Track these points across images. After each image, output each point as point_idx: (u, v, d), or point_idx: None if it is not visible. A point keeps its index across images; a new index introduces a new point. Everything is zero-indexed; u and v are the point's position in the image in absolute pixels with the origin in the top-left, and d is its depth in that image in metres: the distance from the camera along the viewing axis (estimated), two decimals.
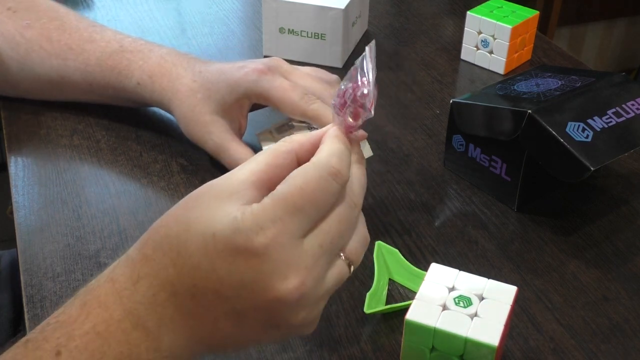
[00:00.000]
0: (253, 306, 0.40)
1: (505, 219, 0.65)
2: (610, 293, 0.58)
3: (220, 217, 0.40)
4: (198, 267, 0.40)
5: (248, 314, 0.40)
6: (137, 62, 0.69)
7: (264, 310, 0.40)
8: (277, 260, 0.39)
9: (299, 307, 0.40)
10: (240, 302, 0.40)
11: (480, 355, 0.45)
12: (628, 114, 0.62)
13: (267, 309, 0.40)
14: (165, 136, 0.73)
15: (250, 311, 0.40)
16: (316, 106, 0.60)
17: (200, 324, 0.41)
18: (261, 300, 0.39)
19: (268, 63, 0.64)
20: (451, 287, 0.48)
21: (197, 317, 0.41)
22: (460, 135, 0.67)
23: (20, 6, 0.73)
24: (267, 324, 0.41)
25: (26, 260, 0.59)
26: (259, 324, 0.41)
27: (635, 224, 0.65)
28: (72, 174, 0.68)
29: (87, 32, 0.72)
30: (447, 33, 0.95)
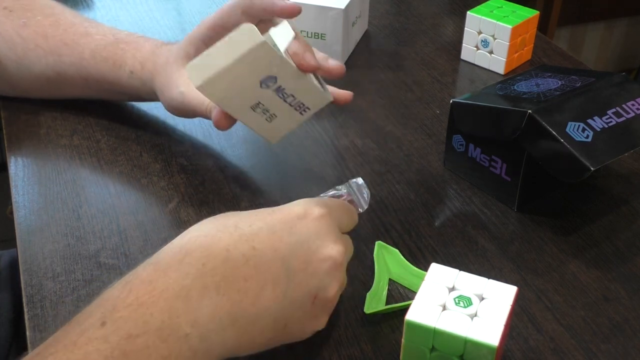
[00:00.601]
0: (304, 266, 0.46)
1: (505, 219, 0.65)
2: (610, 293, 0.58)
3: None
4: (258, 232, 0.46)
5: (296, 278, 0.45)
6: (130, 51, 0.69)
7: (312, 272, 0.46)
8: (329, 227, 0.48)
9: (340, 276, 0.48)
10: (294, 261, 0.45)
11: (480, 355, 0.45)
12: (628, 114, 0.62)
13: (316, 271, 0.46)
14: (165, 136, 0.73)
15: (299, 274, 0.46)
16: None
17: (246, 291, 0.44)
18: (313, 260, 0.46)
19: None
20: (451, 287, 0.48)
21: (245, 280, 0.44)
22: (460, 135, 0.67)
23: (16, 5, 0.73)
24: (308, 296, 0.46)
25: (26, 260, 0.59)
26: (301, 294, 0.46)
27: (635, 224, 0.65)
28: (72, 174, 0.68)
29: (82, 26, 0.72)
30: (447, 33, 0.95)
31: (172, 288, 0.42)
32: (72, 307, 0.54)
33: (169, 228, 0.62)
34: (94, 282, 0.57)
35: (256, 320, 0.45)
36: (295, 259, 0.46)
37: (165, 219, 0.63)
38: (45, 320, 0.53)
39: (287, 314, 0.46)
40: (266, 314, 0.45)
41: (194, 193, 0.66)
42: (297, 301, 0.46)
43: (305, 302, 0.47)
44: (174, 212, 0.64)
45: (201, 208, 0.64)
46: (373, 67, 0.87)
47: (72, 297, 0.55)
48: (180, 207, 0.64)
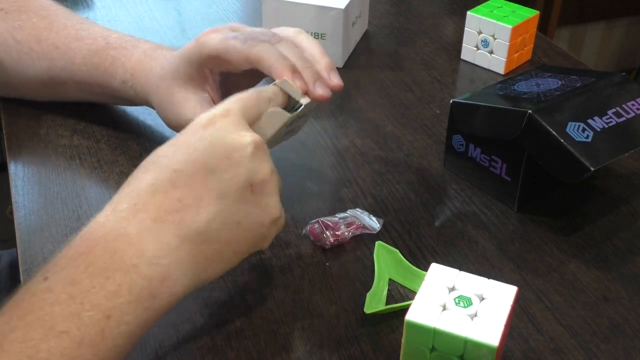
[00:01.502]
0: (227, 163, 0.47)
1: (505, 219, 0.65)
2: (610, 293, 0.58)
3: None
4: (173, 156, 0.47)
5: (224, 175, 0.47)
6: (120, 59, 0.68)
7: (236, 165, 0.47)
8: (236, 123, 0.49)
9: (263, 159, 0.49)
10: (216, 162, 0.47)
11: (480, 355, 0.45)
12: (628, 114, 0.62)
13: (239, 162, 0.48)
14: (165, 136, 0.73)
15: (226, 170, 0.47)
16: (258, 49, 0.57)
17: (184, 211, 0.46)
18: (233, 154, 0.47)
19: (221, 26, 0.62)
20: (451, 287, 0.48)
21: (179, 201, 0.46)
22: (460, 135, 0.67)
23: (12, 7, 0.72)
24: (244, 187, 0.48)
25: (26, 260, 0.59)
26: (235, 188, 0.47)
27: (635, 224, 0.65)
28: (72, 174, 0.68)
29: (74, 29, 0.71)
30: (447, 33, 0.95)
31: (110, 234, 0.44)
32: None
33: None
34: None
35: (205, 229, 0.46)
36: (216, 159, 0.47)
37: None
38: None
39: (233, 211, 0.47)
40: (213, 219, 0.46)
41: None
42: (235, 195, 0.47)
43: (244, 193, 0.48)
44: None
45: None
46: (373, 67, 0.87)
47: None
48: None
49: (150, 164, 0.48)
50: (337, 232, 0.60)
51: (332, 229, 0.60)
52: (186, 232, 0.46)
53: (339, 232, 0.60)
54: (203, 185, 0.47)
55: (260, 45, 0.57)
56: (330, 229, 0.60)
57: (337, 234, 0.60)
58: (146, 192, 0.46)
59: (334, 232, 0.60)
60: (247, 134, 0.49)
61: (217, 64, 0.61)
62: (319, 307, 0.55)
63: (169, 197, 0.46)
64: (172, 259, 0.45)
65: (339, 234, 0.60)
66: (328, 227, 0.60)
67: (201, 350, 0.52)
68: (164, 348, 0.52)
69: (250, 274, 0.58)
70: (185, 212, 0.46)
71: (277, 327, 0.54)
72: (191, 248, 0.46)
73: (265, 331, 0.53)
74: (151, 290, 0.44)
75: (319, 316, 0.55)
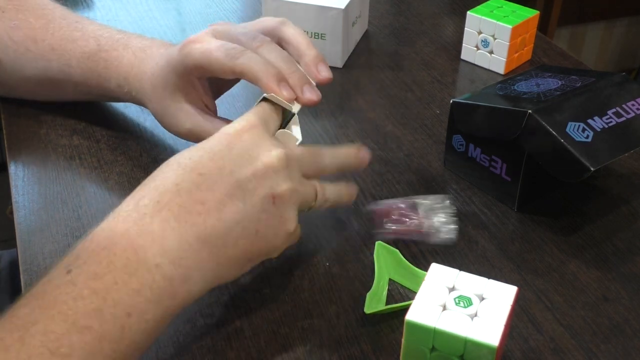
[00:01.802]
0: (252, 173, 0.48)
1: (505, 219, 0.65)
2: (610, 293, 0.58)
3: None
4: (200, 160, 0.48)
5: (248, 184, 0.48)
6: (112, 62, 0.67)
7: (261, 176, 0.48)
8: (264, 136, 0.50)
9: (287, 176, 0.50)
10: (242, 171, 0.48)
11: (480, 355, 0.45)
12: (628, 114, 0.62)
13: (264, 174, 0.48)
14: (165, 136, 0.73)
15: (250, 179, 0.48)
16: (241, 60, 0.55)
17: (206, 214, 0.46)
18: (258, 165, 0.48)
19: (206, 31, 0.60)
20: (451, 287, 0.48)
21: (202, 204, 0.46)
22: (460, 135, 0.67)
23: (9, 5, 0.72)
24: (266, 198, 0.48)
25: (26, 260, 0.59)
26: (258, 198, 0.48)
27: (635, 224, 0.65)
28: (72, 174, 0.68)
29: (69, 30, 0.70)
30: (447, 33, 0.95)
31: (132, 229, 0.45)
32: None
33: None
34: None
35: (226, 234, 0.47)
36: (242, 169, 0.48)
37: None
38: None
39: (254, 220, 0.48)
40: (234, 224, 0.47)
41: None
42: (257, 205, 0.48)
43: (266, 204, 0.48)
44: None
45: None
46: (373, 67, 0.87)
47: None
48: None
49: (175, 165, 0.48)
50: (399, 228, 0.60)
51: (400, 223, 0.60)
52: (207, 235, 0.46)
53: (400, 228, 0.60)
54: (227, 192, 0.47)
55: (244, 56, 0.55)
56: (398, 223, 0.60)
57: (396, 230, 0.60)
58: (170, 191, 0.46)
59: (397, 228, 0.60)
60: (274, 146, 0.50)
61: (203, 73, 0.60)
62: (319, 307, 0.55)
63: (192, 198, 0.46)
64: (194, 260, 0.45)
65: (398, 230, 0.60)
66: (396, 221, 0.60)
67: (201, 350, 0.52)
68: (164, 348, 0.52)
69: (250, 274, 0.58)
70: (208, 215, 0.46)
71: (277, 327, 0.54)
72: (211, 251, 0.46)
73: (265, 331, 0.53)
74: (172, 291, 0.44)
75: (319, 316, 0.55)
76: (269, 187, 0.49)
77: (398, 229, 0.60)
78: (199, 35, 0.59)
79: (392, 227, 0.60)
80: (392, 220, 0.60)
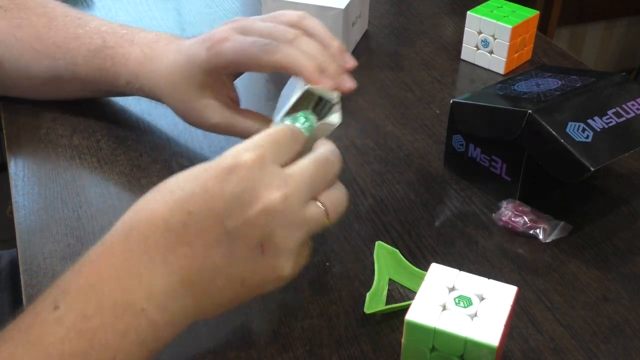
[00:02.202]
0: (243, 221, 0.44)
1: None
2: (610, 293, 0.58)
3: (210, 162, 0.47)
4: (192, 195, 0.45)
5: (238, 233, 0.44)
6: (120, 59, 0.67)
7: (252, 225, 0.44)
8: (262, 174, 0.45)
9: (283, 222, 0.45)
10: (232, 218, 0.44)
11: (480, 355, 0.45)
12: (628, 114, 0.62)
13: (255, 223, 0.44)
14: (165, 136, 0.73)
15: (240, 228, 0.44)
16: (281, 55, 0.56)
17: (192, 259, 0.44)
18: (250, 213, 0.44)
19: (228, 26, 0.61)
20: (451, 287, 0.48)
21: (189, 246, 0.44)
22: (460, 135, 0.67)
23: (10, 5, 0.72)
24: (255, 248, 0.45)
25: (26, 260, 0.59)
26: (246, 248, 0.45)
27: (635, 224, 0.65)
28: (72, 174, 0.68)
29: (72, 27, 0.70)
30: (447, 33, 0.95)
31: (120, 267, 0.43)
32: None
33: None
34: None
35: (211, 281, 0.45)
36: (232, 215, 0.44)
37: None
38: None
39: (240, 269, 0.46)
40: (218, 273, 0.45)
41: None
42: (244, 255, 0.45)
43: (254, 254, 0.45)
44: None
45: None
46: (373, 67, 0.87)
47: None
48: None
49: (167, 194, 0.46)
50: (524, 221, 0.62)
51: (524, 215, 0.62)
52: (193, 282, 0.45)
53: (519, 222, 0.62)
54: (214, 238, 0.45)
55: (282, 51, 0.56)
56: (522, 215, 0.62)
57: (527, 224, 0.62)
58: (159, 227, 0.44)
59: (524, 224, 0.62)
60: (274, 188, 0.45)
61: (236, 70, 0.61)
62: (319, 307, 0.55)
63: (180, 239, 0.44)
64: (179, 306, 0.45)
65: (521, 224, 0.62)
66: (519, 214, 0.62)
67: (201, 350, 0.52)
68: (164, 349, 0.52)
69: None
70: (194, 259, 0.45)
71: (277, 327, 0.54)
72: (195, 297, 0.45)
73: (265, 331, 0.53)
74: (156, 335, 0.44)
75: (319, 316, 0.55)
76: (259, 237, 0.45)
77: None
78: (223, 32, 0.59)
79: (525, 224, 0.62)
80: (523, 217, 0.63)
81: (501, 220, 0.63)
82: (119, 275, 0.43)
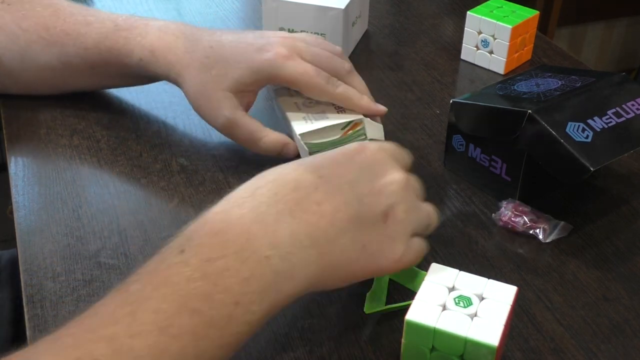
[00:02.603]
0: (370, 189, 0.49)
1: None
2: (610, 293, 0.58)
3: None
4: (322, 163, 0.49)
5: (365, 199, 0.48)
6: (134, 38, 0.68)
7: (378, 194, 0.49)
8: (387, 157, 0.51)
9: (405, 199, 0.50)
10: (361, 185, 0.48)
11: (480, 355, 0.45)
12: (628, 114, 0.62)
13: (382, 192, 0.49)
14: (165, 136, 0.73)
15: (367, 195, 0.48)
16: (342, 89, 0.65)
17: (320, 216, 0.47)
18: (378, 183, 0.49)
19: (286, 44, 0.65)
20: (451, 287, 0.48)
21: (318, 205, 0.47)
22: (460, 135, 0.67)
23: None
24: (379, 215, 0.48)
25: (26, 260, 0.59)
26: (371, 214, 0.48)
27: (635, 224, 0.65)
28: (72, 174, 0.68)
29: (81, 15, 0.71)
30: (447, 33, 0.95)
31: (247, 215, 0.45)
32: (72, 307, 0.54)
33: (169, 228, 0.62)
34: (94, 282, 0.57)
35: (335, 239, 0.47)
36: (361, 183, 0.49)
37: (165, 218, 0.63)
38: (45, 321, 0.53)
39: (363, 234, 0.48)
40: (343, 233, 0.47)
41: (194, 193, 0.66)
42: (368, 220, 0.48)
43: (378, 221, 0.48)
44: (174, 212, 0.64)
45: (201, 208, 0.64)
46: (373, 67, 0.87)
47: (72, 297, 0.55)
48: (180, 207, 0.64)
49: (295, 164, 0.49)
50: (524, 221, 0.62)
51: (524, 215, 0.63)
52: (318, 237, 0.46)
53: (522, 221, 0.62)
54: (343, 201, 0.47)
55: (341, 86, 0.65)
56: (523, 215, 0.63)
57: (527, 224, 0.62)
58: (288, 186, 0.47)
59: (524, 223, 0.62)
60: (396, 169, 0.51)
61: (284, 85, 0.66)
62: (319, 307, 0.55)
63: (309, 198, 0.47)
64: (301, 258, 0.45)
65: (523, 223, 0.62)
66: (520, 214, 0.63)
67: None
68: None
69: None
70: (321, 217, 0.46)
71: (277, 327, 0.54)
72: (318, 253, 0.46)
73: (265, 331, 0.53)
74: (277, 286, 0.44)
75: (319, 316, 0.55)
76: (384, 205, 0.49)
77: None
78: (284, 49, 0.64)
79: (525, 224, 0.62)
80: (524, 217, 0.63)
81: (501, 220, 0.63)
82: (244, 222, 0.44)
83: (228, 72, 0.65)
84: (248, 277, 0.43)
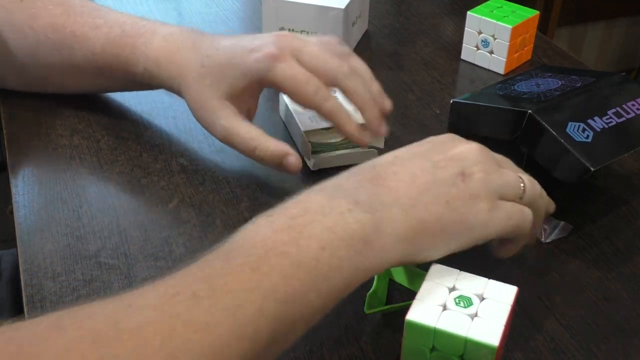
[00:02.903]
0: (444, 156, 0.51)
1: None
2: (611, 293, 0.58)
3: None
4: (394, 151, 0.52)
5: (440, 164, 0.50)
6: (139, 47, 0.68)
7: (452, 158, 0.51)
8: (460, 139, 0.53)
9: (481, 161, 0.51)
10: (435, 154, 0.51)
11: (480, 355, 0.45)
12: (628, 114, 0.62)
13: (456, 157, 0.51)
14: (165, 136, 0.73)
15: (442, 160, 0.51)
16: (330, 104, 0.61)
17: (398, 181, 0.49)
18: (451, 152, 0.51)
19: (279, 44, 0.61)
20: (451, 287, 0.48)
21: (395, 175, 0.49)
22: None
23: None
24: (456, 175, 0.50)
25: (26, 260, 0.59)
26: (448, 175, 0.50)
27: (635, 224, 0.65)
28: (72, 174, 0.68)
29: (90, 17, 0.71)
30: (447, 33, 0.95)
31: (327, 187, 0.49)
32: None
33: (169, 228, 0.62)
34: (94, 282, 0.57)
35: (417, 197, 0.48)
36: (435, 153, 0.51)
37: (165, 218, 0.63)
38: None
39: (444, 191, 0.49)
40: (424, 192, 0.49)
41: (194, 193, 0.66)
42: (446, 179, 0.50)
43: (455, 180, 0.50)
44: (174, 212, 0.64)
45: (201, 208, 0.64)
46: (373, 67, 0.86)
47: (72, 297, 0.55)
48: (181, 207, 0.64)
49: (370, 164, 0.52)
50: None
51: None
52: (398, 196, 0.48)
53: None
54: (420, 167, 0.50)
55: (330, 101, 0.61)
56: None
57: None
58: (366, 166, 0.51)
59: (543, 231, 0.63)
60: (466, 144, 0.53)
61: (276, 89, 0.63)
62: None
63: (386, 171, 0.50)
64: (384, 213, 0.47)
65: None
66: None
67: None
68: None
69: None
70: (400, 181, 0.49)
71: None
72: (402, 209, 0.48)
73: None
74: (363, 235, 0.46)
75: None
76: (460, 167, 0.50)
77: None
78: (277, 50, 0.61)
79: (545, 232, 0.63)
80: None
81: None
82: (325, 192, 0.48)
83: (222, 78, 0.63)
84: (331, 225, 0.45)
